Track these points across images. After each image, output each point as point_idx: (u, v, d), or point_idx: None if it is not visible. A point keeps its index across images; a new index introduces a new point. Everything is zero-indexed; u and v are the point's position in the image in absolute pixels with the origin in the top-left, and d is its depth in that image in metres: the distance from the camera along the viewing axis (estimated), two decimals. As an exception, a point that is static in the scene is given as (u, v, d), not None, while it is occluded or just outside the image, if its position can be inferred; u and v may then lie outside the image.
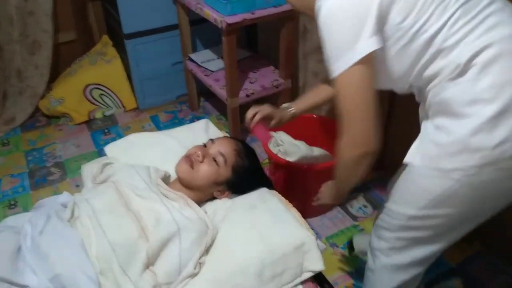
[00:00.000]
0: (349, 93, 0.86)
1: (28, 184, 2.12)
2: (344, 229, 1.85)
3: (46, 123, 2.60)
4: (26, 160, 2.29)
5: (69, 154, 2.33)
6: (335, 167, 1.03)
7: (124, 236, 1.02)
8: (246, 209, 1.13)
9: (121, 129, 2.53)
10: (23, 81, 2.58)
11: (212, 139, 1.23)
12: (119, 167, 1.29)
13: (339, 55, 0.83)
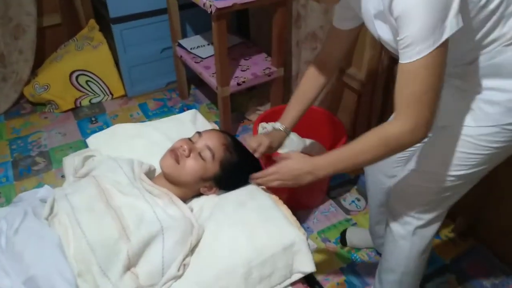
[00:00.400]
0: (430, 75, 0.81)
1: (12, 174, 2.05)
2: (337, 223, 1.80)
3: (31, 110, 2.52)
4: (10, 149, 2.22)
5: (54, 143, 2.25)
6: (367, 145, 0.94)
7: (103, 235, 0.96)
8: (234, 207, 1.07)
9: (108, 117, 2.45)
10: (7, 67, 2.49)
11: (199, 132, 1.17)
12: (101, 160, 1.22)
13: (427, 35, 0.77)
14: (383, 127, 0.91)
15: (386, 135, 0.90)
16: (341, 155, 0.99)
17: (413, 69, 0.81)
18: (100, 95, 2.59)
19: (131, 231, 0.97)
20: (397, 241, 1.21)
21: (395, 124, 0.87)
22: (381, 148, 0.92)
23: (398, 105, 0.86)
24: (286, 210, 1.11)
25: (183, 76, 2.50)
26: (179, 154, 1.10)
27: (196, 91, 2.67)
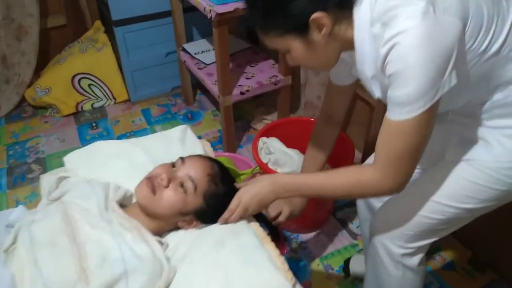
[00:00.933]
0: (417, 135, 0.79)
1: (6, 182, 1.98)
2: (341, 248, 1.66)
3: (32, 113, 2.46)
4: (6, 154, 2.15)
5: (52, 149, 2.18)
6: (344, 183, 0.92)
7: (61, 277, 0.85)
8: (212, 246, 0.94)
9: (109, 123, 2.36)
10: (9, 69, 2.43)
11: (182, 157, 1.04)
12: (75, 183, 1.12)
13: (419, 96, 0.74)
14: (363, 171, 0.89)
15: (363, 180, 0.88)
16: (310, 181, 0.97)
17: (399, 127, 0.78)
18: (103, 99, 2.50)
19: (92, 272, 0.86)
20: (378, 268, 1.11)
21: (374, 174, 0.86)
22: (354, 190, 0.92)
23: (380, 157, 0.84)
24: (273, 250, 0.97)
25: (188, 82, 2.39)
26: (156, 184, 0.98)
27: (201, 97, 2.55)
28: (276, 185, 0.98)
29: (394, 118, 0.78)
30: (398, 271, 1.08)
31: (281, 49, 0.90)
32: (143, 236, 0.95)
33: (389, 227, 1.05)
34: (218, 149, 2.15)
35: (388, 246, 1.06)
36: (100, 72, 2.44)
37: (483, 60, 0.80)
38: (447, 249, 1.63)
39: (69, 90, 2.41)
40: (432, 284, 1.52)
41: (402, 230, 1.03)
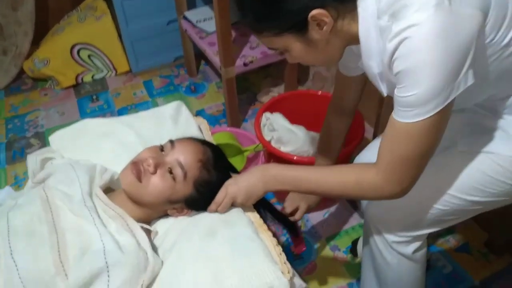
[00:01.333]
0: (426, 139, 0.71)
1: (4, 158, 1.93)
2: (349, 228, 1.58)
3: (31, 86, 2.38)
4: (5, 128, 2.10)
5: (51, 123, 2.11)
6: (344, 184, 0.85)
7: (38, 271, 0.78)
8: (202, 236, 0.87)
9: (110, 96, 2.28)
10: (6, 39, 2.34)
11: (172, 140, 0.95)
12: (58, 165, 1.04)
13: (431, 98, 0.66)
14: (364, 172, 0.82)
15: (363, 181, 0.81)
16: (305, 175, 0.89)
17: (406, 130, 0.71)
18: (103, 70, 2.41)
19: (70, 266, 0.79)
20: (374, 254, 1.06)
21: (376, 177, 0.79)
22: (352, 190, 0.85)
23: (383, 160, 0.77)
24: (269, 240, 0.89)
25: (190, 52, 2.27)
26: (142, 170, 0.89)
27: (206, 68, 2.44)
28: (266, 176, 0.91)
29: (401, 120, 0.71)
30: (393, 259, 1.02)
31: (279, 49, 0.81)
32: (128, 225, 0.87)
33: (385, 213, 0.99)
34: (222, 123, 2.06)
35: (383, 232, 1.00)
36: (100, 42, 2.33)
37: (505, 54, 0.72)
38: (462, 230, 1.54)
39: (68, 61, 2.31)
40: (444, 267, 1.43)
41: (399, 218, 0.97)
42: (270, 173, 0.91)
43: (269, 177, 0.90)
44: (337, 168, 0.88)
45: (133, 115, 1.21)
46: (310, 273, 1.43)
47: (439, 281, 1.40)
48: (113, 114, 2.15)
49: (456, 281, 1.39)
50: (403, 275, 1.05)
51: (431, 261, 1.43)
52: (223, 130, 1.79)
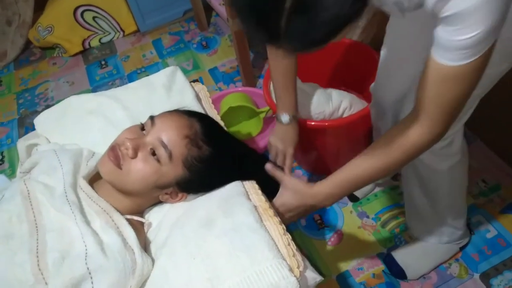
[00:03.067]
0: (477, 78, 0.65)
1: (17, 135, 1.88)
2: (379, 191, 1.43)
3: (40, 56, 2.29)
4: (17, 104, 2.04)
5: (61, 94, 2.03)
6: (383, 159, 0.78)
7: (17, 279, 0.70)
8: (198, 226, 0.75)
9: (119, 60, 2.15)
10: (7, 8, 2.23)
11: (152, 116, 0.82)
12: (43, 152, 0.94)
13: (489, 33, 0.57)
14: (408, 137, 0.73)
15: (412, 145, 0.74)
16: (354, 178, 0.82)
17: (458, 73, 0.63)
18: (110, 32, 2.27)
19: (50, 273, 0.70)
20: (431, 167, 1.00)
21: (423, 131, 0.71)
22: (405, 160, 0.77)
23: (428, 109, 0.69)
24: (274, 228, 0.76)
25: (198, 3, 2.08)
26: (120, 155, 0.78)
27: (217, 19, 2.24)
28: (319, 201, 0.85)
29: (451, 63, 0.62)
30: (443, 165, 0.99)
31: None
32: (113, 221, 0.77)
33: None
34: (236, 81, 1.90)
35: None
36: (103, 2, 2.17)
37: None
38: (509, 187, 1.36)
39: (72, 26, 2.18)
40: (488, 231, 1.27)
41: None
42: (317, 197, 0.85)
43: (319, 201, 0.85)
44: (377, 152, 0.78)
45: (122, 87, 1.08)
46: (337, 243, 1.32)
47: (481, 247, 1.24)
48: (123, 80, 2.03)
49: (501, 247, 1.24)
50: (454, 177, 1.03)
51: (471, 226, 1.28)
52: (236, 90, 1.64)
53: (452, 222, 1.13)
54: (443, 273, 1.21)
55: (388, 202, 1.39)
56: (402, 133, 0.73)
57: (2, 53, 2.27)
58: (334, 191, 0.83)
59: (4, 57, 2.27)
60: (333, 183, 0.83)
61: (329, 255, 1.29)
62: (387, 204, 1.39)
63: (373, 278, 1.23)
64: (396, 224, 1.34)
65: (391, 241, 1.30)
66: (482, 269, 1.20)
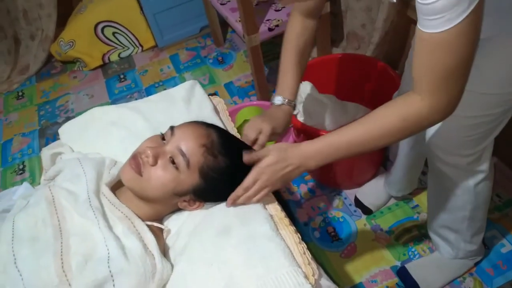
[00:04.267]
0: (466, 44, 0.64)
1: (38, 145, 1.94)
2: (393, 205, 1.43)
3: (61, 69, 2.37)
4: (38, 115, 2.10)
5: (81, 106, 2.09)
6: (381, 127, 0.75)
7: (42, 281, 0.73)
8: (214, 235, 0.78)
9: (137, 74, 2.21)
10: (31, 24, 2.32)
11: (172, 127, 0.85)
12: (67, 160, 0.98)
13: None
14: (408, 106, 0.72)
15: (411, 116, 0.72)
16: (345, 140, 0.78)
17: (443, 40, 0.62)
18: (129, 47, 2.34)
19: (73, 275, 0.73)
20: (456, 182, 0.99)
21: (423, 104, 0.70)
22: (402, 132, 0.74)
23: (423, 82, 0.69)
24: (290, 237, 0.78)
25: (215, 20, 2.14)
26: (141, 163, 0.81)
27: (233, 35, 2.30)
28: (305, 158, 0.81)
29: (432, 31, 0.62)
30: (469, 181, 0.98)
31: None
32: (134, 227, 0.80)
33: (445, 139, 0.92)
34: (251, 95, 1.93)
35: (451, 160, 0.94)
36: (123, 18, 2.25)
37: None
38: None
39: (93, 41, 2.26)
40: (503, 246, 1.27)
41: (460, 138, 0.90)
42: (304, 153, 0.81)
43: (305, 158, 0.80)
44: (374, 116, 0.75)
45: (143, 100, 1.12)
46: (349, 256, 1.33)
47: (496, 262, 1.24)
48: (141, 93, 2.09)
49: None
50: (479, 194, 1.02)
51: (486, 240, 1.27)
52: (250, 104, 1.68)
53: (470, 238, 1.13)
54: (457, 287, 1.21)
55: (402, 215, 1.40)
56: (402, 102, 0.72)
57: (25, 66, 2.36)
58: (324, 149, 0.79)
59: (27, 70, 2.35)
60: (325, 141, 0.79)
61: (342, 267, 1.30)
62: (400, 218, 1.39)
63: (386, 291, 1.24)
64: (410, 237, 1.34)
65: (404, 254, 1.30)
66: (497, 284, 1.20)
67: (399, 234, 1.35)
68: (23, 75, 2.33)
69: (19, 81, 2.31)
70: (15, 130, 2.04)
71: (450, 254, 1.19)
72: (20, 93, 2.25)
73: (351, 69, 1.47)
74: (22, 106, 2.17)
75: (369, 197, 1.43)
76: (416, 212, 1.40)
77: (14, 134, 2.02)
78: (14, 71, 2.33)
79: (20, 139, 1.99)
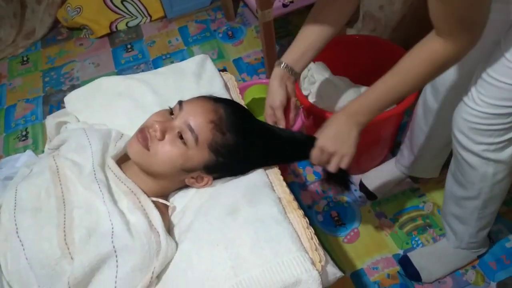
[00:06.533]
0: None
1: (42, 112, 1.92)
2: (398, 193, 1.42)
3: (67, 36, 2.31)
4: (42, 81, 2.07)
5: (86, 75, 2.05)
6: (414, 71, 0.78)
7: (44, 252, 0.72)
8: (222, 215, 0.76)
9: (145, 45, 2.16)
10: (38, -13, 2.26)
11: (180, 101, 0.83)
12: (72, 130, 0.96)
13: None
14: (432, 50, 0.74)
15: (437, 59, 0.75)
16: (382, 91, 0.83)
17: None
18: (138, 17, 2.28)
19: (76, 249, 0.72)
20: (475, 169, 0.97)
21: (446, 45, 0.72)
22: (434, 72, 0.78)
23: (441, 24, 0.70)
24: (298, 221, 0.77)
25: (227, -7, 2.08)
26: (149, 137, 0.79)
27: (244, 10, 2.24)
28: (352, 116, 0.85)
29: None
30: (488, 171, 0.96)
31: None
32: (140, 202, 0.78)
33: (470, 126, 0.90)
34: (260, 73, 1.89)
35: (474, 148, 0.92)
36: (132, -14, 2.19)
37: None
38: (533, 197, 1.34)
39: (101, 8, 2.20)
40: (508, 241, 1.25)
41: (486, 126, 0.88)
42: (354, 112, 0.85)
43: (357, 116, 0.85)
44: (404, 65, 0.79)
45: (152, 72, 1.09)
46: (352, 241, 1.32)
47: (500, 256, 1.23)
48: (148, 64, 2.05)
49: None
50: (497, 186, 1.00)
51: (491, 234, 1.26)
52: (260, 82, 1.64)
53: (476, 233, 1.12)
54: (458, 279, 1.20)
55: (407, 204, 1.38)
56: (426, 49, 0.75)
57: (31, 31, 2.31)
58: (369, 103, 0.84)
59: (32, 35, 2.30)
60: (363, 99, 0.85)
61: (344, 252, 1.29)
62: (406, 206, 1.38)
63: (387, 279, 1.23)
64: (414, 226, 1.33)
65: (407, 243, 1.29)
66: (499, 278, 1.19)
67: (403, 222, 1.34)
68: (29, 39, 2.28)
69: (24, 45, 2.26)
70: (19, 96, 2.01)
71: (454, 242, 1.18)
72: (25, 58, 2.21)
73: (365, 51, 1.42)
74: (26, 72, 2.14)
75: (375, 183, 1.41)
76: (422, 201, 1.38)
77: (18, 100, 1.99)
78: (20, 35, 2.28)
79: (23, 105, 1.96)
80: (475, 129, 0.89)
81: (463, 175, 1.01)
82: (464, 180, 1.02)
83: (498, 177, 0.97)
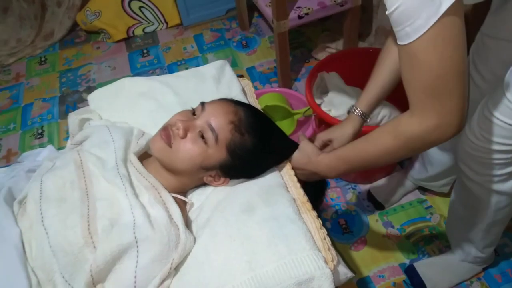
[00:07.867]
0: (443, 53, 0.59)
1: (58, 112, 1.96)
2: (406, 203, 1.44)
3: (85, 39, 2.37)
4: (59, 82, 2.12)
5: (102, 77, 2.10)
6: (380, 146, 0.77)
7: (67, 240, 0.75)
8: (238, 212, 0.79)
9: (160, 50, 2.21)
10: (60, -10, 2.32)
11: (203, 102, 0.86)
12: (95, 127, 1.00)
13: (419, 8, 0.56)
14: (396, 124, 0.72)
15: (402, 133, 0.71)
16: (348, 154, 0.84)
17: (416, 51, 0.60)
18: (154, 23, 2.34)
19: (99, 238, 0.75)
20: (478, 197, 0.98)
21: (410, 121, 0.68)
22: (398, 148, 0.74)
23: (410, 98, 0.67)
24: (312, 221, 0.79)
25: (242, 3, 2.13)
26: (171, 135, 0.82)
27: (259, 20, 2.29)
28: (321, 170, 0.89)
29: (406, 42, 0.60)
30: (492, 200, 0.96)
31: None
32: (161, 197, 0.82)
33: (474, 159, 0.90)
34: (272, 82, 1.93)
35: (478, 179, 0.93)
36: (151, -7, 2.25)
37: None
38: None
39: (119, 13, 2.26)
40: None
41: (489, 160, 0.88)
42: (321, 168, 0.88)
43: (322, 170, 0.88)
44: (370, 134, 0.79)
45: (173, 75, 1.13)
46: (359, 249, 1.34)
47: (505, 270, 1.25)
48: (163, 70, 2.10)
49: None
50: (500, 213, 1.00)
51: (497, 247, 1.28)
52: (273, 90, 1.68)
53: (482, 249, 1.13)
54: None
55: (415, 214, 1.40)
56: (395, 120, 0.73)
57: (50, 32, 2.37)
58: (337, 165, 0.85)
59: (51, 37, 2.36)
60: (336, 157, 0.86)
61: (351, 259, 1.31)
62: (413, 217, 1.40)
63: (393, 287, 1.25)
64: (421, 237, 1.35)
65: (414, 253, 1.31)
66: (504, 291, 1.21)
67: (410, 233, 1.36)
68: (47, 41, 2.34)
69: (43, 46, 2.32)
70: (36, 95, 2.06)
71: (460, 256, 1.19)
72: (43, 59, 2.27)
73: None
74: (44, 72, 2.19)
75: (383, 193, 1.43)
76: (429, 212, 1.40)
77: (35, 99, 2.04)
78: (39, 37, 2.35)
79: (40, 103, 2.01)
80: (478, 161, 0.90)
81: (467, 199, 1.03)
82: (468, 203, 1.04)
83: (501, 205, 0.98)
